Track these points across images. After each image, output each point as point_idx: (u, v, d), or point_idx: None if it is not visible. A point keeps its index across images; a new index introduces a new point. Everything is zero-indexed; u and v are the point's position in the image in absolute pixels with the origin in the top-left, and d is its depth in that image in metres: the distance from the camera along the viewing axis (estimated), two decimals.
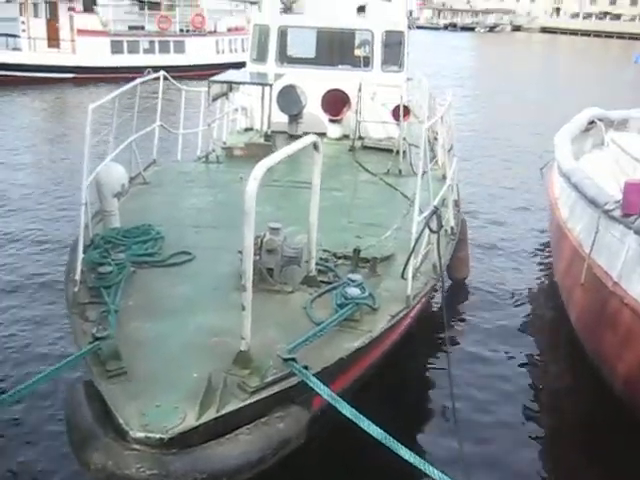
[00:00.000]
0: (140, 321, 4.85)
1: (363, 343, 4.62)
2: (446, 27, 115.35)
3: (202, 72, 26.86)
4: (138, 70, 33.97)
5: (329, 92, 11.46)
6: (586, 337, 8.20)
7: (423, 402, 7.42)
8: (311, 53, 13.86)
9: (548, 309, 9.99)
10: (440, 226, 5.67)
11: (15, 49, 33.74)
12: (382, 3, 13.15)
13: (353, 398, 4.13)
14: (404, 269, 5.40)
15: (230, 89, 11.20)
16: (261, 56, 12.18)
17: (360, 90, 11.18)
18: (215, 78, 10.61)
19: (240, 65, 13.63)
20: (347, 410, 3.74)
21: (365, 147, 11.05)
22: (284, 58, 12.30)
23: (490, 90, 37.64)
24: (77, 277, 5.33)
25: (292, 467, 4.20)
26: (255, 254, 5.43)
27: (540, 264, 11.77)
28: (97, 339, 4.24)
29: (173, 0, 38.11)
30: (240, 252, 5.55)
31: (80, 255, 5.46)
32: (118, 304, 4.98)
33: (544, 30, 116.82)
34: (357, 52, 12.87)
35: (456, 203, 8.73)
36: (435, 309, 8.97)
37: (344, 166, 10.09)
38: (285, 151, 4.51)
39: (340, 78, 11.59)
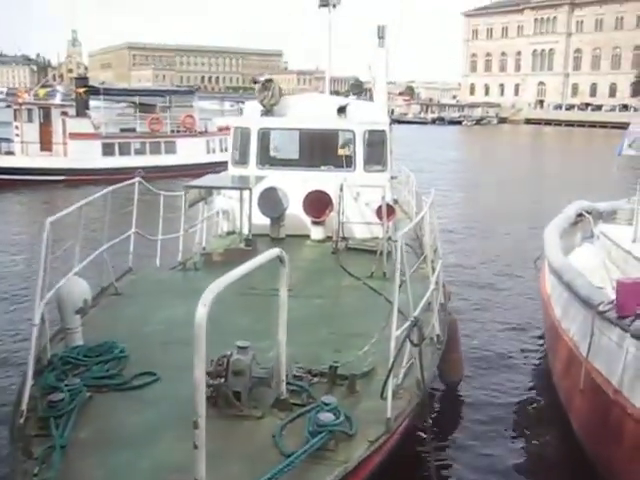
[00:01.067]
0: (90, 457, 4.38)
1: (337, 478, 4.13)
2: (434, 121, 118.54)
3: (193, 172, 27.05)
4: (129, 171, 34.42)
5: (311, 194, 11.30)
6: (590, 447, 7.64)
7: None
8: (295, 154, 13.86)
9: (547, 414, 9.42)
10: (422, 338, 5.28)
11: (8, 153, 34.17)
12: (363, 103, 13.27)
13: None
14: (383, 388, 4.96)
15: (210, 193, 11.03)
16: (242, 159, 12.10)
17: (341, 190, 11.01)
18: (192, 183, 10.44)
19: None
20: None
21: (349, 248, 10.76)
22: (266, 160, 12.21)
23: (477, 181, 38.09)
24: (24, 407, 4.87)
25: None
26: (221, 376, 5.03)
27: (537, 364, 11.26)
28: None
29: (167, 102, 39.11)
30: (208, 374, 5.15)
31: (29, 381, 5.02)
32: (67, 437, 4.50)
33: (529, 121, 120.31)
34: (341, 152, 12.82)
35: (443, 306, 8.35)
36: (424, 425, 8.39)
37: (327, 270, 9.76)
38: (244, 268, 4.16)
39: (322, 179, 11.44)
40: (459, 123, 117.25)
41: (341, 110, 12.08)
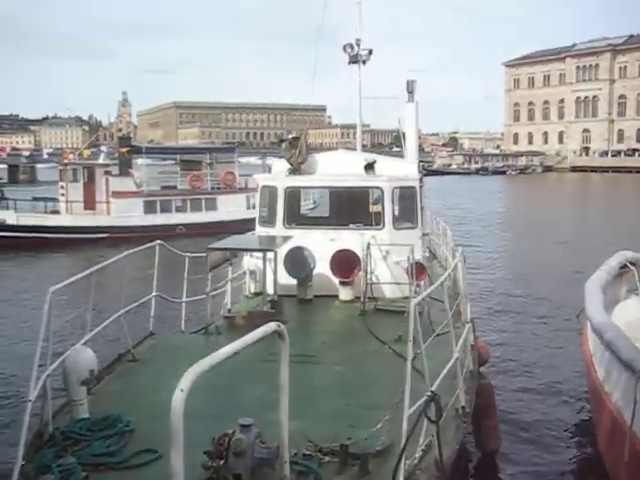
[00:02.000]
0: None
1: None
2: (478, 171, 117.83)
3: (234, 227, 27.20)
4: (170, 228, 34.82)
5: (338, 253, 11.00)
6: None
7: None
8: (326, 212, 13.69)
9: None
10: (440, 414, 4.88)
11: (54, 212, 35.00)
12: (392, 159, 13.05)
13: None
14: (395, 472, 4.55)
15: (234, 255, 10.83)
16: (269, 218, 11.93)
17: (369, 249, 10.71)
18: (214, 245, 10.23)
19: None
20: None
21: (378, 309, 10.37)
22: (293, 219, 11.99)
23: (519, 232, 37.32)
24: None
25: None
26: (221, 457, 4.70)
27: (581, 431, 10.55)
28: None
29: (213, 158, 39.76)
30: (205, 453, 4.83)
31: (18, 463, 4.78)
32: None
33: (574, 169, 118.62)
34: (374, 208, 12.53)
35: (472, 373, 7.88)
36: None
37: (353, 333, 9.40)
38: (235, 346, 3.86)
39: (350, 238, 11.18)
40: (503, 173, 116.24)
41: (369, 167, 11.87)
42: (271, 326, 4.28)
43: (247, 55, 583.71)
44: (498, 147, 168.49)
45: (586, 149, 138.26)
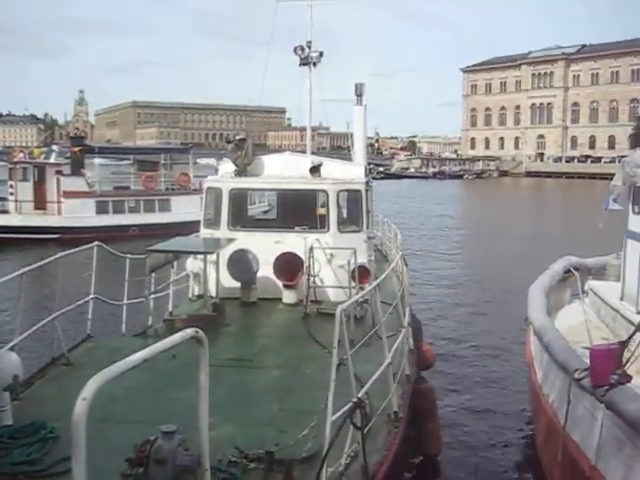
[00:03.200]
0: None
1: None
2: (435, 175, 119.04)
3: (188, 229, 26.90)
4: (123, 229, 34.22)
5: (281, 256, 10.92)
6: None
7: None
8: (274, 214, 13.62)
9: None
10: (366, 421, 4.85)
11: (2, 211, 34.20)
12: (338, 162, 13.02)
13: None
14: (317, 478, 4.50)
15: (176, 257, 10.66)
16: (214, 220, 11.80)
17: (312, 252, 10.67)
18: (155, 247, 10.04)
19: None
20: None
21: (320, 313, 10.32)
22: (238, 221, 11.87)
23: (473, 236, 37.84)
24: None
25: None
26: (141, 464, 4.59)
27: (522, 432, 10.69)
28: None
29: (168, 159, 39.31)
30: (126, 461, 4.71)
31: None
32: None
33: (529, 174, 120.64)
34: (320, 211, 12.51)
35: (409, 378, 7.89)
36: None
37: (294, 337, 9.30)
38: (146, 353, 3.75)
39: (294, 241, 11.09)
40: (460, 177, 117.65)
41: (314, 169, 11.84)
42: (188, 332, 4.18)
43: (205, 55, 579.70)
44: (456, 152, 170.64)
45: (541, 155, 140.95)
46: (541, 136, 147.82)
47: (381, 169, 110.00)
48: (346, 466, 5.04)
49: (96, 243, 9.15)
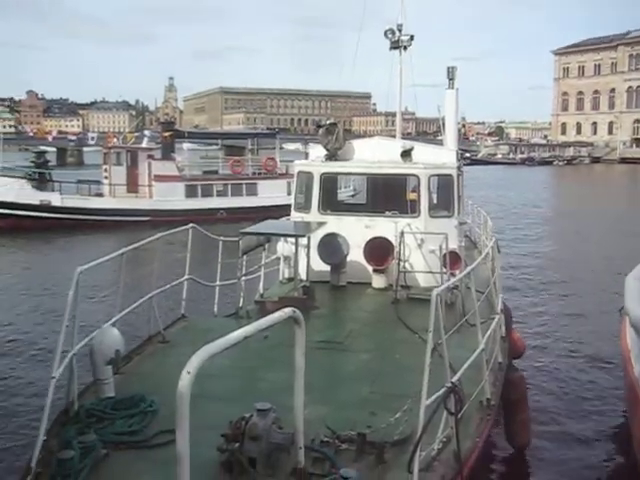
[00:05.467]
0: None
1: None
2: (523, 162, 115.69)
3: (274, 213, 27.30)
4: (211, 212, 34.99)
5: (371, 240, 10.92)
6: None
7: None
8: (364, 199, 13.60)
9: None
10: (460, 406, 4.79)
11: (97, 194, 35.61)
12: (430, 147, 12.84)
13: None
14: (410, 461, 4.49)
15: (267, 240, 10.81)
16: (305, 204, 11.89)
17: (402, 237, 10.59)
18: (248, 230, 10.20)
19: None
20: None
21: (410, 298, 10.25)
22: (328, 205, 11.92)
23: (565, 224, 36.62)
24: (33, 464, 4.72)
25: None
26: (236, 440, 4.71)
27: (616, 427, 10.29)
28: None
29: (254, 144, 39.93)
30: (222, 436, 4.84)
31: (40, 438, 4.88)
32: None
33: (623, 160, 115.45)
34: (411, 196, 12.38)
35: (502, 366, 7.74)
36: None
37: (384, 322, 9.32)
38: (246, 331, 3.84)
39: (384, 225, 11.06)
40: (550, 163, 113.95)
41: (405, 154, 11.73)
42: (286, 312, 4.25)
43: (291, 40, 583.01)
44: (545, 137, 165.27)
45: (637, 140, 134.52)
46: (637, 121, 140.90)
47: (467, 155, 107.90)
48: (438, 451, 5.01)
49: (191, 225, 9.39)
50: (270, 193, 36.45)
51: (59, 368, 5.35)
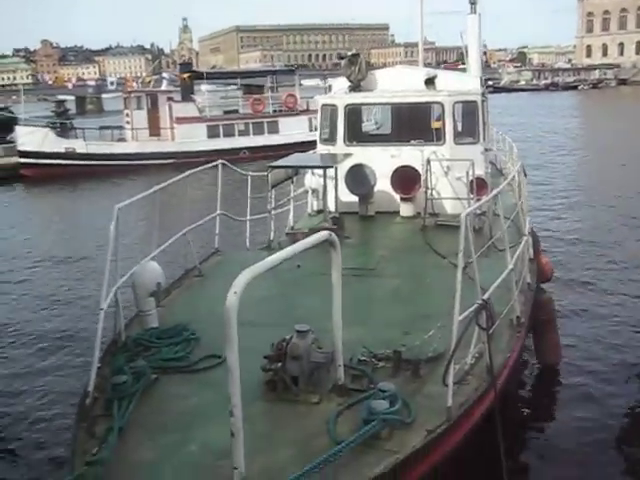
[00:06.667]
0: (144, 437, 4.49)
1: (385, 469, 3.93)
2: (547, 87, 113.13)
3: (297, 150, 27.30)
4: (234, 152, 35.04)
5: (398, 169, 10.96)
6: None
7: None
8: (388, 130, 13.55)
9: None
10: (491, 322, 4.96)
11: (120, 139, 35.82)
12: (453, 73, 12.70)
13: None
14: (444, 375, 4.70)
15: (295, 173, 10.93)
16: (330, 136, 11.92)
17: (429, 164, 10.64)
18: (276, 163, 10.31)
19: None
20: None
21: (439, 225, 10.38)
22: (354, 137, 11.93)
23: (590, 151, 36.06)
24: (90, 388, 5.02)
25: None
26: (279, 360, 4.95)
27: None
28: (87, 463, 3.98)
29: (274, 81, 39.61)
30: (265, 357, 5.09)
31: (95, 364, 5.18)
32: (127, 418, 4.61)
33: None
34: (435, 124, 12.33)
35: (530, 286, 7.87)
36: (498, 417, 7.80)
37: (413, 248, 9.48)
38: (284, 253, 4.02)
39: (410, 154, 11.07)
40: (574, 88, 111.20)
41: (429, 82, 11.64)
42: (323, 234, 4.42)
43: None
44: (569, 61, 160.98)
45: None
46: None
47: (490, 83, 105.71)
48: (471, 366, 5.21)
49: (220, 161, 9.51)
50: (292, 130, 36.35)
51: (106, 301, 5.61)
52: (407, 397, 4.69)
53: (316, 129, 40.58)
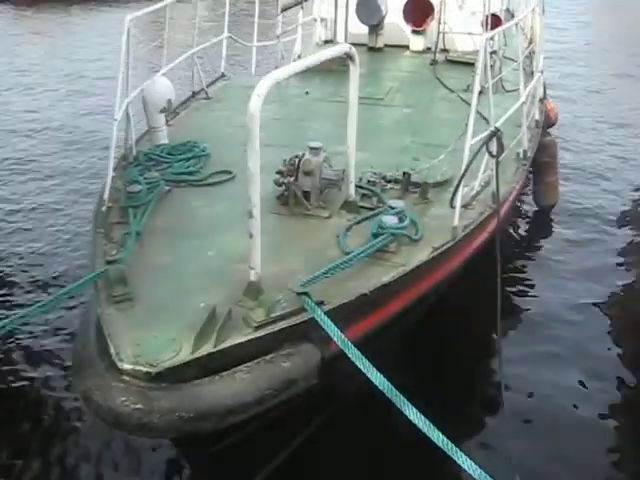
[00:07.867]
0: (162, 243, 4.63)
1: (393, 278, 4.15)
2: None
3: None
4: None
5: (411, 0, 10.57)
6: None
7: (465, 373, 6.31)
8: None
9: None
10: (501, 150, 5.03)
11: None
12: None
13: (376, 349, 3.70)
14: (452, 197, 4.83)
15: None
16: None
17: None
18: None
19: None
20: (355, 355, 3.32)
21: (449, 61, 10.17)
22: None
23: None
24: (105, 197, 5.15)
25: None
26: (291, 175, 5.05)
27: None
28: (108, 262, 4.09)
29: None
30: (277, 172, 5.18)
31: (110, 174, 5.28)
32: (143, 225, 4.75)
33: None
34: None
35: (537, 123, 7.87)
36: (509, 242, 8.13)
37: (422, 81, 9.37)
38: (305, 62, 3.99)
39: None
40: None
41: None
42: (344, 46, 4.37)
43: None
44: None
45: None
46: None
47: None
48: (477, 192, 5.33)
49: None
50: None
51: (119, 112, 5.58)
52: (413, 216, 4.84)
53: None
